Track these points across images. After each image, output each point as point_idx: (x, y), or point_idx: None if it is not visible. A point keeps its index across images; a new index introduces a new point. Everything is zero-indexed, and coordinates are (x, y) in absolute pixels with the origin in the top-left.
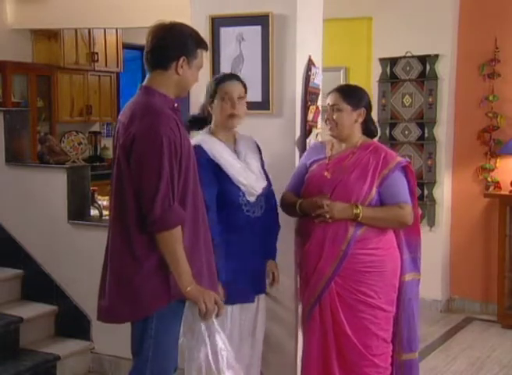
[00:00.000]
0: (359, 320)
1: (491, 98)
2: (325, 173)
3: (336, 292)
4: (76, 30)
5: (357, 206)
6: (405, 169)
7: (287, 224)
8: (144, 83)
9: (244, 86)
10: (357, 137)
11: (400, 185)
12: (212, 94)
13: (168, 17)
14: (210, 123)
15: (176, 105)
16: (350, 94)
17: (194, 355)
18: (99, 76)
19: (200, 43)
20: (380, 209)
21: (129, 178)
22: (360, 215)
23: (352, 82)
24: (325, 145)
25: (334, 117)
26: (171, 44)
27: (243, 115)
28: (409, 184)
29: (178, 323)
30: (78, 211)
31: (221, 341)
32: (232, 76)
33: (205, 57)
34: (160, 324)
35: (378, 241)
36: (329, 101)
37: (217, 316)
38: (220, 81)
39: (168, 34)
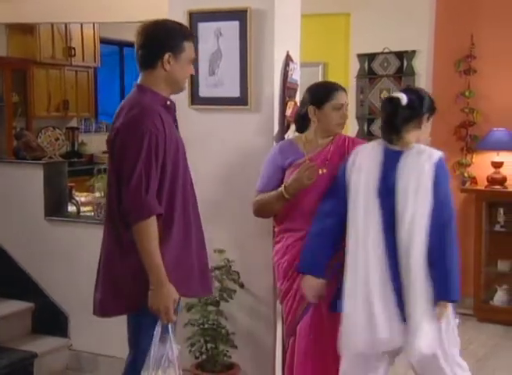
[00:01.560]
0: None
1: (467, 93)
2: (320, 171)
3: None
4: (52, 25)
5: None
6: None
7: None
8: (138, 81)
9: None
10: None
11: None
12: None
13: (146, 12)
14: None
15: (168, 102)
16: None
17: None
18: (76, 71)
19: (185, 36)
20: None
21: (113, 171)
22: None
23: (330, 78)
24: (295, 144)
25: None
26: (154, 41)
27: None
28: None
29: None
30: (55, 207)
31: (169, 343)
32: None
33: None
34: (153, 317)
35: None
36: (343, 100)
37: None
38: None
39: (151, 32)
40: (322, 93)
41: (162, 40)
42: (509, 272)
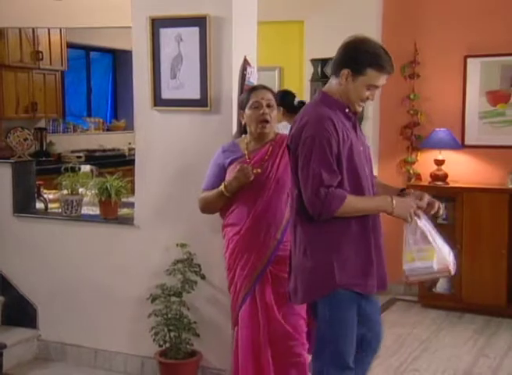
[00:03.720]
0: (286, 304)
1: (412, 96)
2: (255, 171)
3: (269, 280)
4: (20, 30)
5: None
6: None
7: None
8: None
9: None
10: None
11: None
12: None
13: (111, 18)
14: None
15: (347, 110)
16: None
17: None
18: (44, 74)
19: (373, 63)
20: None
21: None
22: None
23: (286, 81)
24: (237, 144)
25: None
26: (343, 56)
27: None
28: None
29: (351, 312)
30: (23, 204)
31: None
32: None
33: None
34: (332, 310)
35: None
36: (259, 97)
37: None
38: None
39: (347, 47)
40: (244, 97)
41: (350, 56)
42: None
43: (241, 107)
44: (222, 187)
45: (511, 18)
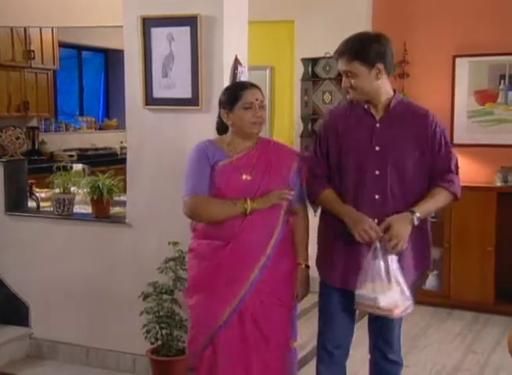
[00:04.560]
0: (276, 319)
1: (401, 95)
2: (244, 177)
3: (257, 297)
4: (11, 29)
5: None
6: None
7: None
8: None
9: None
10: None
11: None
12: None
13: (102, 17)
14: None
15: (366, 106)
16: None
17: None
18: (36, 73)
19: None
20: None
21: None
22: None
23: (277, 80)
24: (217, 145)
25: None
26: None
27: None
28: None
29: None
30: (15, 203)
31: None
32: None
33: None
34: None
35: (292, 244)
36: (253, 98)
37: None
38: None
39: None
40: (231, 95)
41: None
42: (438, 259)
43: (226, 105)
44: (245, 206)
45: (499, 18)
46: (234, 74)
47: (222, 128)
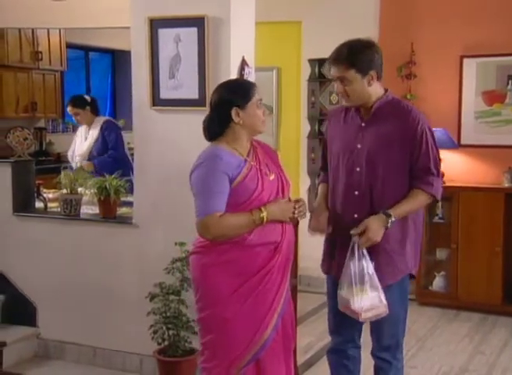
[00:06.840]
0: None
1: (408, 96)
2: (271, 177)
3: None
4: (19, 30)
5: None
6: None
7: None
8: None
9: None
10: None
11: None
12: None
13: (110, 19)
14: None
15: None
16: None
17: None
18: (43, 74)
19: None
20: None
21: None
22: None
23: (284, 81)
24: (229, 151)
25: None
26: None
27: None
28: None
29: None
30: (23, 204)
31: (366, 264)
32: None
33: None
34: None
35: None
36: (261, 95)
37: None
38: None
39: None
40: (244, 92)
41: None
42: (446, 260)
43: (239, 103)
44: (259, 217)
45: (507, 18)
46: (241, 75)
47: (213, 132)
